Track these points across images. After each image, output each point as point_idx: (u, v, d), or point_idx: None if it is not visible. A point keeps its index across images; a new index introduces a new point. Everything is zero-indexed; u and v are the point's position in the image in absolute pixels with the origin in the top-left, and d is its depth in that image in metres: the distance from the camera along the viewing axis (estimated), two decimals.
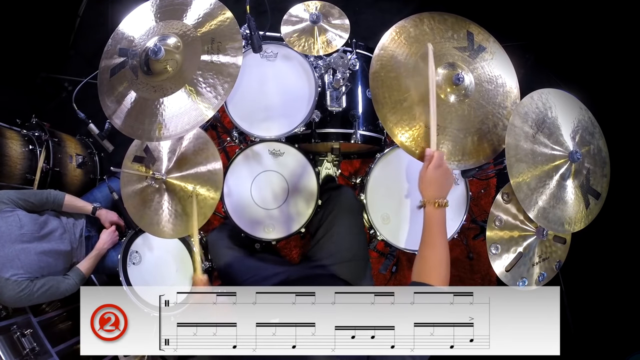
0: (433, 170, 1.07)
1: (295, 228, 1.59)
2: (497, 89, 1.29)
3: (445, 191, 1.07)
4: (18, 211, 1.58)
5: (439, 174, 1.07)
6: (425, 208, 1.06)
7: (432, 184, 1.06)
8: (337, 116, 1.64)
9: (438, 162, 1.07)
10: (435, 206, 1.04)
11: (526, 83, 1.35)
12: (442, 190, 1.06)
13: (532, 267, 1.45)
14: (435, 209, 1.04)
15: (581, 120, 1.30)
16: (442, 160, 1.08)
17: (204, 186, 1.38)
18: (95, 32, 2.57)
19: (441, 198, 1.05)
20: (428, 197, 1.06)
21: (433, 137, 1.13)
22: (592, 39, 2.27)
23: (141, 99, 1.22)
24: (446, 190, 1.07)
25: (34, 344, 1.65)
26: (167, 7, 1.29)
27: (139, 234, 1.75)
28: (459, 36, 1.30)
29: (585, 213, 1.29)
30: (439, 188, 1.06)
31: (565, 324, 2.08)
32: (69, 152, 2.10)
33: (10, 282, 1.46)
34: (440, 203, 1.04)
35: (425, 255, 1.02)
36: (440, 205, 1.04)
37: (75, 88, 1.47)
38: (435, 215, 1.04)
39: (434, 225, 1.04)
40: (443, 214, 1.05)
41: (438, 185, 1.06)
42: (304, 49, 1.51)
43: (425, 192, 1.07)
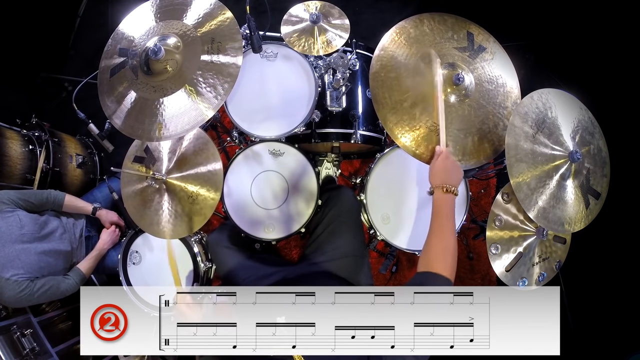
0: (442, 160, 1.13)
1: (295, 228, 1.59)
2: (497, 89, 1.29)
3: (454, 179, 1.10)
4: (18, 211, 1.58)
5: (448, 163, 1.13)
6: (433, 195, 1.10)
7: (440, 170, 1.12)
8: (337, 116, 1.64)
9: (447, 155, 1.15)
10: (444, 191, 1.07)
11: (526, 83, 1.35)
12: (450, 177, 1.10)
13: (532, 267, 1.45)
14: (444, 195, 1.07)
15: (581, 120, 1.30)
16: (450, 155, 1.16)
17: (204, 187, 1.38)
18: (95, 32, 2.58)
19: (449, 185, 1.08)
20: (437, 183, 1.09)
21: (442, 137, 1.18)
22: (592, 39, 2.27)
23: (141, 99, 1.22)
24: (455, 178, 1.11)
25: (34, 344, 1.65)
26: (167, 7, 1.29)
27: (139, 234, 1.75)
28: (459, 36, 1.30)
29: (585, 213, 1.29)
30: (447, 175, 1.10)
31: (565, 324, 2.08)
32: (69, 152, 2.10)
33: (11, 282, 1.46)
34: (448, 188, 1.07)
35: (432, 243, 1.03)
36: (448, 191, 1.07)
37: (75, 88, 1.47)
38: (443, 200, 1.07)
39: (441, 211, 1.07)
40: (451, 202, 1.08)
41: (447, 172, 1.11)
42: (304, 49, 1.51)
43: (434, 179, 1.11)
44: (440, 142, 1.18)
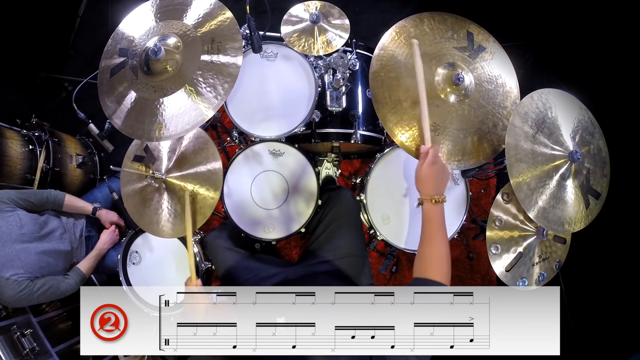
0: (428, 167, 1.07)
1: (295, 228, 1.59)
2: (497, 89, 1.29)
3: (442, 187, 1.07)
4: (18, 211, 1.58)
5: (435, 170, 1.07)
6: (423, 205, 1.06)
7: (428, 180, 1.07)
8: (337, 116, 1.64)
9: (433, 158, 1.07)
10: (433, 202, 1.04)
11: (526, 83, 1.35)
12: (438, 187, 1.06)
13: (532, 267, 1.45)
14: (433, 205, 1.04)
15: (581, 120, 1.30)
16: (437, 156, 1.08)
17: (203, 186, 1.38)
18: (95, 32, 2.58)
19: (438, 194, 1.05)
20: (425, 194, 1.06)
21: (426, 134, 1.13)
22: (592, 39, 2.27)
23: (141, 99, 1.22)
24: (443, 186, 1.07)
25: (34, 344, 1.65)
26: (167, 7, 1.29)
27: (139, 234, 1.75)
28: (459, 36, 1.30)
29: (585, 213, 1.29)
30: (435, 184, 1.06)
31: (565, 324, 2.08)
32: (69, 152, 2.10)
33: (11, 282, 1.46)
34: (437, 199, 1.04)
35: (425, 252, 1.02)
36: (437, 202, 1.04)
37: (75, 88, 1.47)
38: (433, 211, 1.04)
39: (432, 221, 1.04)
40: (441, 210, 1.05)
41: (434, 181, 1.06)
42: (304, 49, 1.51)
43: (422, 189, 1.07)
44: (425, 140, 1.12)
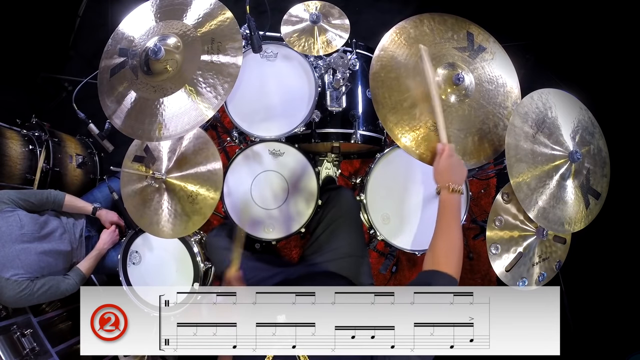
0: (446, 159, 1.12)
1: (295, 228, 1.59)
2: (497, 89, 1.29)
3: (459, 177, 1.10)
4: (18, 211, 1.58)
5: (452, 161, 1.12)
6: (440, 195, 1.09)
7: (445, 169, 1.11)
8: (337, 116, 1.64)
9: (450, 152, 1.13)
10: (450, 190, 1.07)
11: (526, 83, 1.35)
12: (455, 176, 1.09)
13: (532, 267, 1.45)
14: (450, 194, 1.07)
15: (581, 120, 1.30)
16: (453, 151, 1.14)
17: (203, 186, 1.38)
18: (95, 32, 2.58)
19: (455, 183, 1.07)
20: (442, 182, 1.09)
21: (442, 133, 1.16)
22: (592, 39, 2.27)
23: (141, 99, 1.22)
24: (459, 176, 1.10)
25: (34, 344, 1.65)
26: (167, 7, 1.29)
27: (139, 234, 1.75)
28: (459, 36, 1.30)
29: (585, 213, 1.29)
30: (452, 174, 1.10)
31: (565, 324, 2.08)
32: (69, 152, 2.10)
33: (11, 282, 1.46)
34: (454, 188, 1.07)
35: (438, 242, 1.03)
36: (454, 191, 1.07)
37: (75, 88, 1.47)
38: (449, 200, 1.07)
39: (447, 210, 1.06)
40: (458, 200, 1.08)
41: (451, 170, 1.10)
42: (304, 49, 1.51)
43: (440, 178, 1.11)
44: (441, 138, 1.16)
